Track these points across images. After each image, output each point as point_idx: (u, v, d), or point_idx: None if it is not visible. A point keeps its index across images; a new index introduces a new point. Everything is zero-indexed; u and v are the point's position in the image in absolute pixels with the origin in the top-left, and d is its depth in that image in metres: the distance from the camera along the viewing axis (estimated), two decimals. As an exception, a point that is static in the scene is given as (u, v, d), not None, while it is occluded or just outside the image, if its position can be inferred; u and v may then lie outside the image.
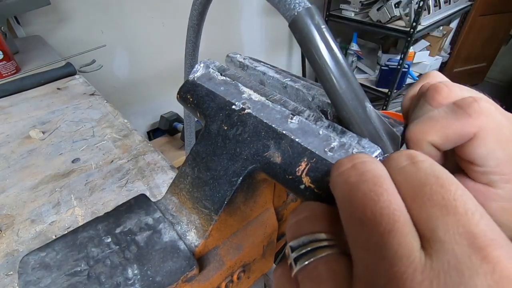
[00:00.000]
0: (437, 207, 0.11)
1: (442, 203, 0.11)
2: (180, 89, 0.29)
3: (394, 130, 0.19)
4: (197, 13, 0.30)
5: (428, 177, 0.12)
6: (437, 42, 2.37)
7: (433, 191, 0.12)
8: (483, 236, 0.10)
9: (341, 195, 0.13)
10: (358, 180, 0.13)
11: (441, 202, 0.11)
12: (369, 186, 0.12)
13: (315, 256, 0.13)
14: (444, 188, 0.12)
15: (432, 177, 0.12)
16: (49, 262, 0.23)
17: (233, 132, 0.24)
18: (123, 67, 1.52)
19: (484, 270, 0.10)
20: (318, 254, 0.13)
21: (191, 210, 0.25)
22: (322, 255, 0.13)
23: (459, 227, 0.11)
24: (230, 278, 0.28)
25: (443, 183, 0.12)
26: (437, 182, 0.12)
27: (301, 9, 0.17)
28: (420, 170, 0.13)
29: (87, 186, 0.51)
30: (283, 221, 0.33)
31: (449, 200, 0.11)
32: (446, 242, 0.11)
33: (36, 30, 1.18)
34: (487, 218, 0.11)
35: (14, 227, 0.44)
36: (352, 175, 0.13)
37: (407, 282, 0.10)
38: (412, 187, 0.12)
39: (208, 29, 0.49)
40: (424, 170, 0.12)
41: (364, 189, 0.12)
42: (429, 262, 0.10)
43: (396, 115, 1.50)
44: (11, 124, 0.67)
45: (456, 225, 0.11)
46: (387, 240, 0.11)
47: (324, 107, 0.23)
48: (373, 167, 0.13)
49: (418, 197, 0.12)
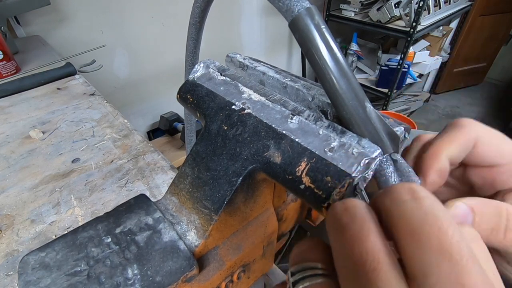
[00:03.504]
0: (432, 251, 0.11)
1: (438, 248, 0.11)
2: (180, 89, 0.29)
3: (394, 130, 0.19)
4: (199, 11, 0.30)
5: (428, 217, 0.12)
6: (437, 42, 2.37)
7: (431, 233, 0.12)
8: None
9: (333, 233, 0.14)
10: (349, 221, 0.14)
11: (437, 246, 0.11)
12: (358, 228, 0.13)
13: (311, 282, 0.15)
14: (442, 231, 0.12)
15: (431, 216, 0.12)
16: (49, 262, 0.23)
17: (233, 132, 0.24)
18: (123, 67, 1.52)
19: None
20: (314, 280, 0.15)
21: (191, 210, 0.25)
22: (318, 281, 0.15)
23: (451, 276, 0.11)
24: (230, 278, 0.28)
25: (442, 225, 0.12)
26: (435, 224, 0.12)
27: (301, 9, 0.17)
28: (421, 207, 0.13)
29: (87, 186, 0.51)
30: (283, 221, 0.33)
31: (445, 245, 0.11)
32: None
33: (36, 30, 1.18)
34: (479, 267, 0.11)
35: (14, 227, 0.44)
36: (344, 216, 0.14)
37: None
38: (410, 224, 0.12)
39: (208, 29, 0.49)
40: (424, 209, 0.12)
41: (353, 229, 0.13)
42: None
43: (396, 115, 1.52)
44: (11, 124, 0.67)
45: (449, 274, 0.11)
46: (371, 277, 0.12)
47: (324, 107, 0.23)
48: (363, 211, 0.14)
49: (415, 236, 0.12)
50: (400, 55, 1.92)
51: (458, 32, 2.58)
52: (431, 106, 2.85)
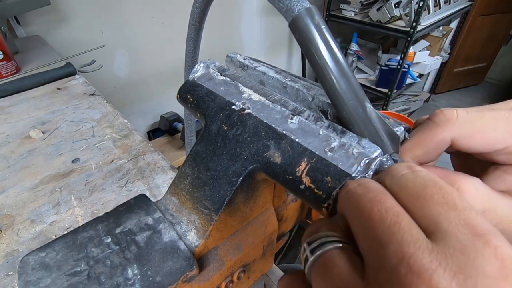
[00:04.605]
0: (438, 204, 0.13)
1: (443, 201, 0.13)
2: (180, 89, 0.29)
3: (394, 130, 0.19)
4: (199, 11, 0.30)
5: (427, 182, 0.14)
6: (437, 42, 2.37)
7: (434, 192, 0.13)
8: (482, 226, 0.12)
9: (349, 203, 0.15)
10: (364, 192, 0.15)
11: (442, 201, 0.13)
12: (374, 194, 0.15)
13: (331, 245, 0.15)
14: (443, 190, 0.13)
15: (430, 181, 0.14)
16: (49, 262, 0.23)
17: (233, 132, 0.24)
18: (123, 67, 1.52)
19: (488, 252, 0.11)
20: (333, 244, 0.15)
21: (191, 210, 0.25)
22: (338, 245, 0.15)
23: (460, 220, 0.12)
24: (230, 278, 0.28)
25: (441, 186, 0.14)
26: (436, 185, 0.14)
27: (301, 9, 0.17)
28: (419, 176, 0.15)
29: (87, 186, 0.51)
30: (283, 221, 0.33)
31: (449, 199, 0.13)
32: (450, 231, 0.12)
33: (36, 30, 1.18)
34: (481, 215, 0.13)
35: (14, 227, 0.44)
36: (358, 189, 0.15)
37: (417, 261, 0.11)
38: (413, 189, 0.14)
39: (208, 29, 0.49)
40: (423, 176, 0.14)
41: (370, 196, 0.14)
42: (436, 247, 0.12)
43: (396, 115, 1.51)
44: (11, 124, 0.67)
45: (457, 218, 0.12)
46: (393, 229, 0.13)
47: (324, 107, 0.23)
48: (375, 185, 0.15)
49: (420, 197, 0.14)
50: (400, 55, 1.92)
51: (458, 32, 2.58)
52: (431, 106, 2.85)
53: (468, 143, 0.18)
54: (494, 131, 0.18)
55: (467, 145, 0.18)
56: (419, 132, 0.19)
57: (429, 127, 0.19)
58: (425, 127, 0.19)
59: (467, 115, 0.18)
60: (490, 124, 0.18)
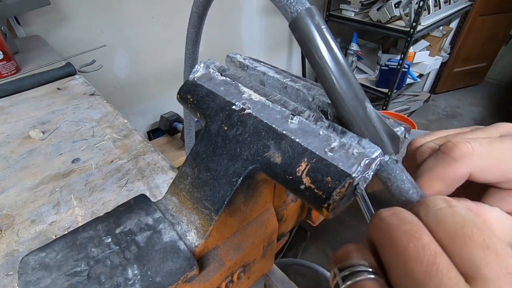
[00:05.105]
0: (478, 247, 0.12)
1: (483, 244, 0.12)
2: (180, 89, 0.29)
3: (395, 130, 0.19)
4: (197, 13, 0.30)
5: (466, 221, 0.13)
6: (437, 42, 2.37)
7: (473, 233, 0.13)
8: None
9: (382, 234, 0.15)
10: (399, 223, 0.14)
11: (482, 244, 0.12)
12: (410, 227, 0.14)
13: (364, 276, 0.15)
14: (483, 231, 0.13)
15: (469, 220, 0.13)
16: (49, 262, 0.23)
17: (233, 132, 0.24)
18: (123, 67, 1.52)
19: None
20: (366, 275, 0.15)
21: (191, 210, 0.25)
22: (370, 276, 0.15)
23: (502, 268, 0.12)
24: (230, 278, 0.28)
25: (481, 227, 0.13)
26: (475, 225, 0.13)
27: (302, 9, 0.17)
28: (457, 212, 0.14)
29: (87, 186, 0.51)
30: (283, 221, 0.33)
31: (489, 242, 0.12)
32: (491, 279, 0.12)
33: (36, 30, 1.18)
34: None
35: (14, 227, 0.44)
36: (392, 219, 0.15)
37: None
38: (451, 227, 0.14)
39: (208, 29, 0.49)
40: (461, 213, 0.14)
41: (405, 228, 0.14)
42: None
43: (396, 115, 1.51)
44: (11, 124, 0.67)
45: (499, 266, 0.12)
46: (431, 270, 0.12)
47: (324, 107, 0.23)
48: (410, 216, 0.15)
49: (458, 237, 0.13)
50: (400, 55, 1.92)
51: (458, 32, 2.58)
52: (431, 106, 2.85)
53: (484, 175, 0.18)
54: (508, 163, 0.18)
55: (484, 177, 0.19)
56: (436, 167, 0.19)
57: (446, 162, 0.19)
58: (441, 162, 0.19)
59: (481, 148, 0.18)
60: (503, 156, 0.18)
